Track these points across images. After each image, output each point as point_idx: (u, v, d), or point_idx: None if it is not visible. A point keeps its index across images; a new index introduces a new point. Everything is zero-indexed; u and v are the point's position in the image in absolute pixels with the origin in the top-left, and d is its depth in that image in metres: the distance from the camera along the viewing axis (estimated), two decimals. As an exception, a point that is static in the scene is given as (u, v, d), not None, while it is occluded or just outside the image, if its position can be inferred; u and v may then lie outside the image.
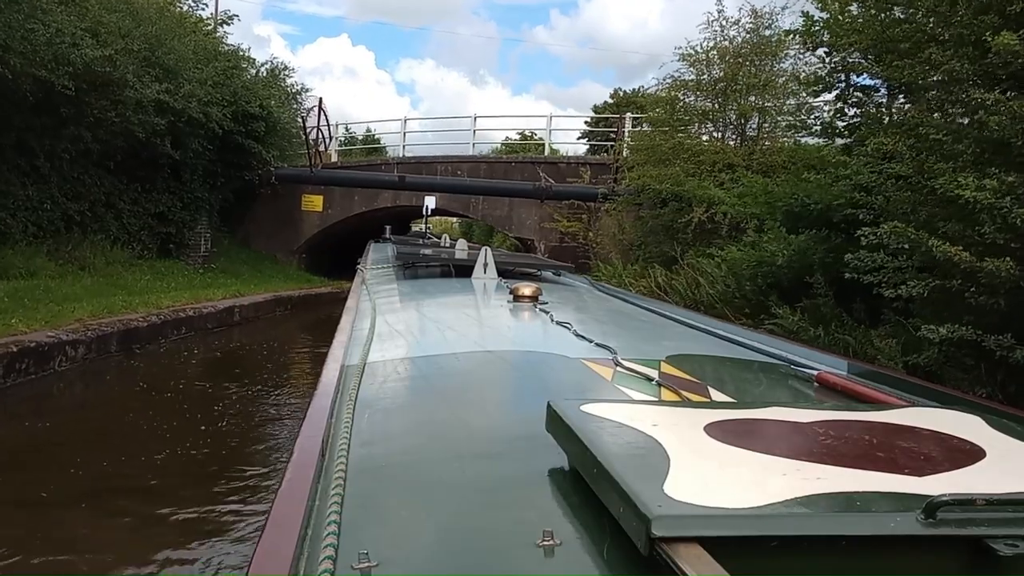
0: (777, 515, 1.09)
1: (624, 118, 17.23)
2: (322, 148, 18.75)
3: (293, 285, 17.93)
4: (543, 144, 22.99)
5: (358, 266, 6.13)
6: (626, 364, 2.40)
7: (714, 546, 1.02)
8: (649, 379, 2.25)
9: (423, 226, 15.23)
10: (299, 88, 19.77)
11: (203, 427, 7.10)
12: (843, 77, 8.51)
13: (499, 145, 32.83)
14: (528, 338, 3.23)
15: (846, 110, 8.62)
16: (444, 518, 1.32)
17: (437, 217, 31.81)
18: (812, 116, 8.54)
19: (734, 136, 13.96)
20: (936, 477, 1.26)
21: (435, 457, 1.68)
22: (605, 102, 36.75)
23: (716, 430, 1.45)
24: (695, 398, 2.05)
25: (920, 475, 1.26)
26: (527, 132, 34.19)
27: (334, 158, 22.15)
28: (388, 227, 12.93)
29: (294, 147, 19.77)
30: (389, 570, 1.10)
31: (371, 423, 1.87)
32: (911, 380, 2.49)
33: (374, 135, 28.81)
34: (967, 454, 1.41)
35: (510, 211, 19.75)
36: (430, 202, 13.29)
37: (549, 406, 1.55)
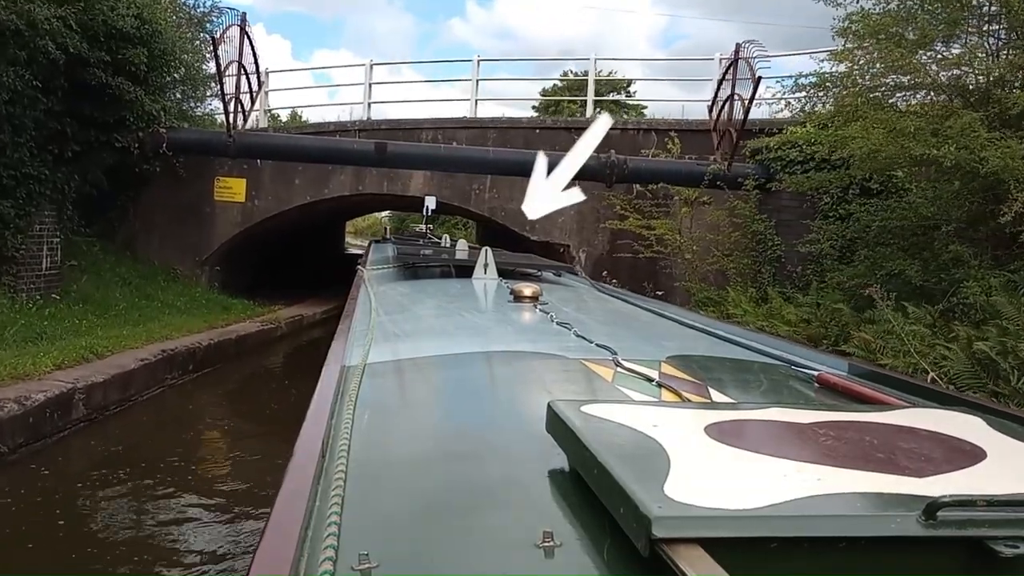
0: (777, 516, 1.08)
1: (740, 52, 10.93)
2: (246, 101, 11.81)
3: (198, 321, 10.90)
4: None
5: (358, 266, 5.82)
6: (626, 364, 2.38)
7: (714, 547, 1.02)
8: (649, 379, 2.23)
9: (423, 226, 13.56)
10: (209, 5, 12.71)
11: None
12: None
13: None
14: (528, 338, 3.15)
15: None
16: (444, 518, 1.31)
17: (368, 217, 25.23)
18: None
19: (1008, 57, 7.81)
20: (936, 478, 1.25)
21: (435, 457, 1.68)
22: (555, 86, 30.00)
23: (716, 431, 1.45)
24: (695, 399, 2.06)
25: (920, 476, 1.26)
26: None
27: (263, 123, 15.01)
28: (387, 227, 13.40)
29: (201, 97, 12.65)
30: (389, 570, 1.09)
31: (371, 424, 1.83)
32: (912, 381, 2.49)
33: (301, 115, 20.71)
34: (968, 455, 1.40)
35: (532, 203, 13.19)
36: (430, 202, 10.87)
37: (549, 407, 1.54)
